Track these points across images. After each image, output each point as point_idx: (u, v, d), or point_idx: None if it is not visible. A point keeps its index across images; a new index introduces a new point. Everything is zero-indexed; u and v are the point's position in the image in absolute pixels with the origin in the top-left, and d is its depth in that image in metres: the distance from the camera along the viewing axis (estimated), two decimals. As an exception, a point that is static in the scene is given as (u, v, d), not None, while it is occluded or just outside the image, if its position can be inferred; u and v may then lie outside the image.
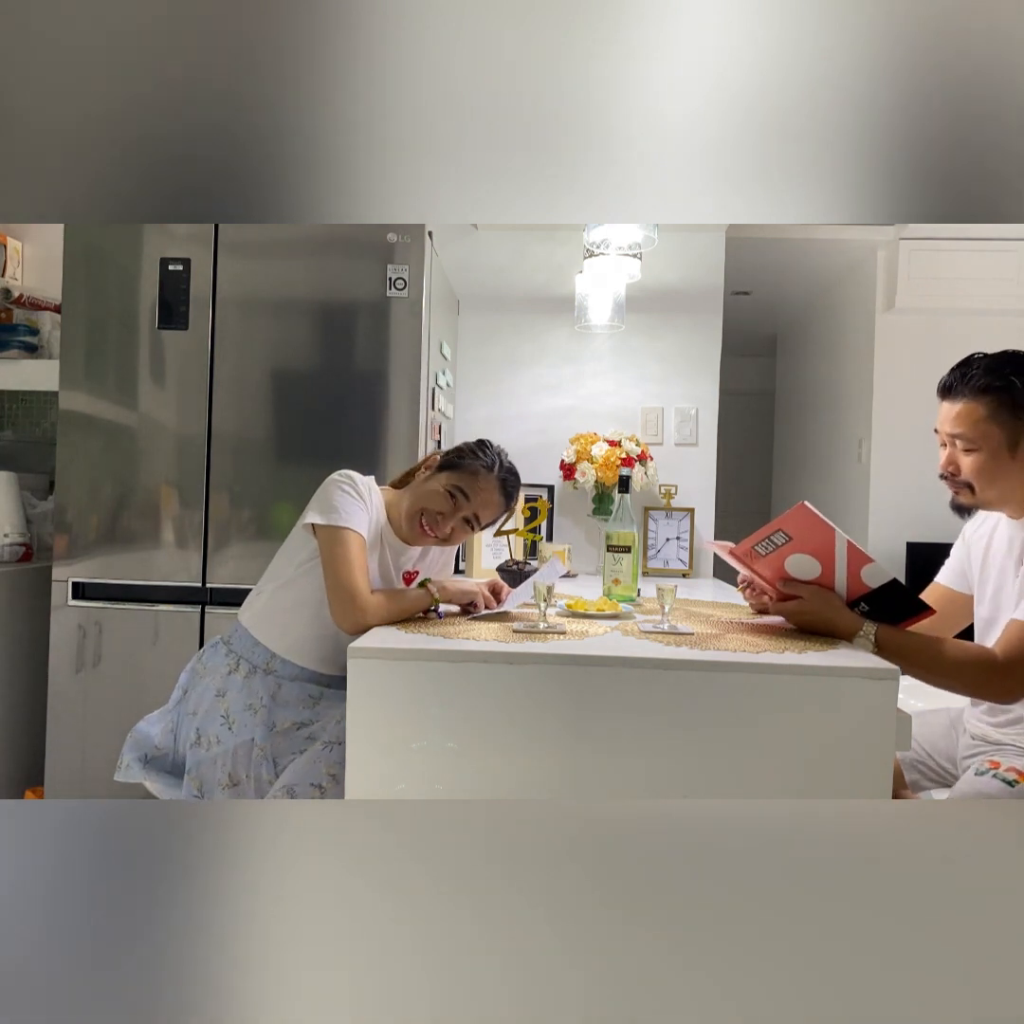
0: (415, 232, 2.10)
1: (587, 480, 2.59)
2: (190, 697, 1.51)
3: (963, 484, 1.40)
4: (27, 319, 2.57)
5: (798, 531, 1.33)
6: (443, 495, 1.52)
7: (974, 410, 1.35)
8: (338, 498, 1.45)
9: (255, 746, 1.42)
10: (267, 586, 1.54)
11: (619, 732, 1.15)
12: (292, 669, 1.51)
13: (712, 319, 2.76)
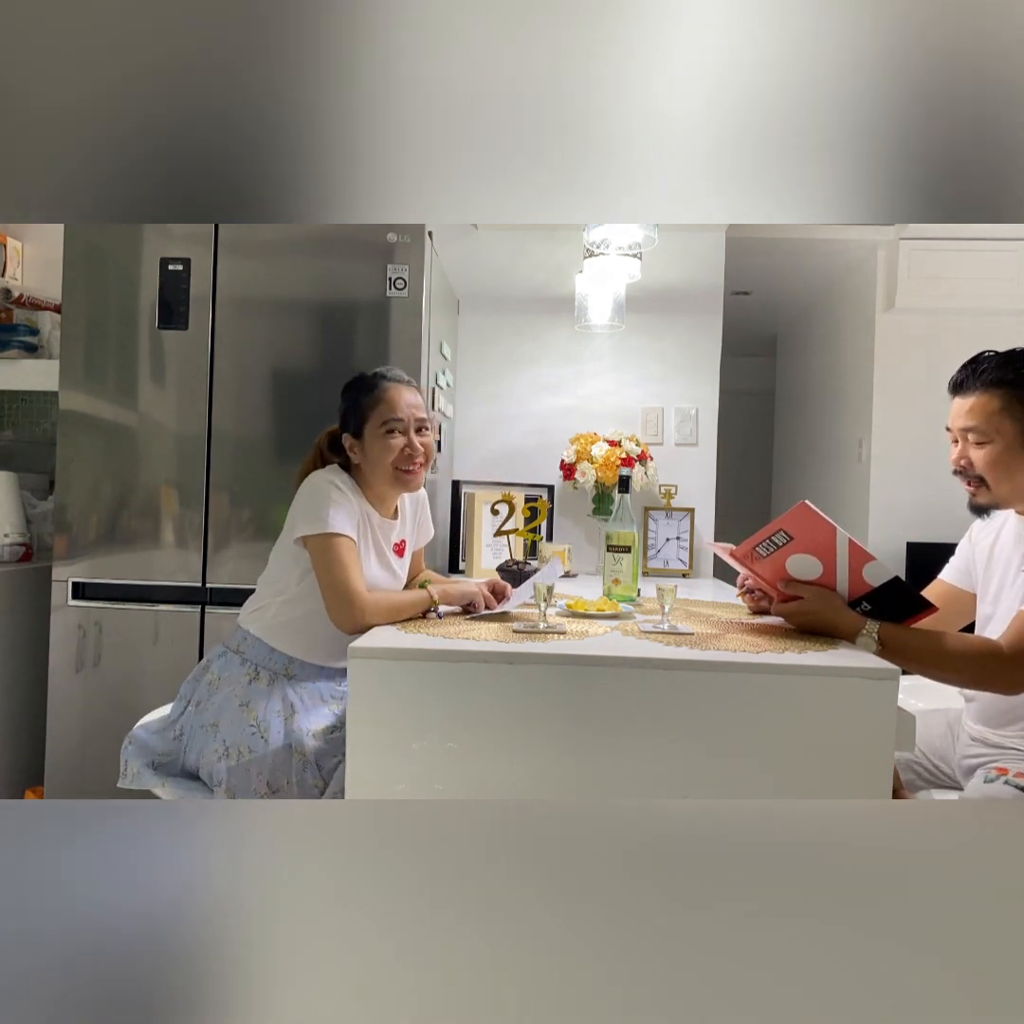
0: (415, 232, 2.10)
1: (587, 480, 2.59)
2: (206, 709, 1.48)
3: (976, 478, 1.40)
4: (27, 319, 2.56)
5: (799, 530, 1.33)
6: (386, 438, 1.53)
7: (987, 403, 1.36)
8: (321, 504, 1.45)
9: (294, 752, 1.41)
10: (273, 600, 1.53)
11: (619, 732, 1.15)
12: (312, 670, 1.51)
13: (712, 319, 2.76)
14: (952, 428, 1.43)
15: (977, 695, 1.49)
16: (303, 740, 1.42)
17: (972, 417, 1.38)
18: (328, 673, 1.53)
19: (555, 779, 1.16)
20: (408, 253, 2.10)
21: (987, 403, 1.36)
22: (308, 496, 1.49)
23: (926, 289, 3.04)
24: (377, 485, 1.57)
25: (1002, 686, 1.36)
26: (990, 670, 1.31)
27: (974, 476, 1.40)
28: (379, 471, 1.55)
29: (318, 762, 1.42)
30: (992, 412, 1.36)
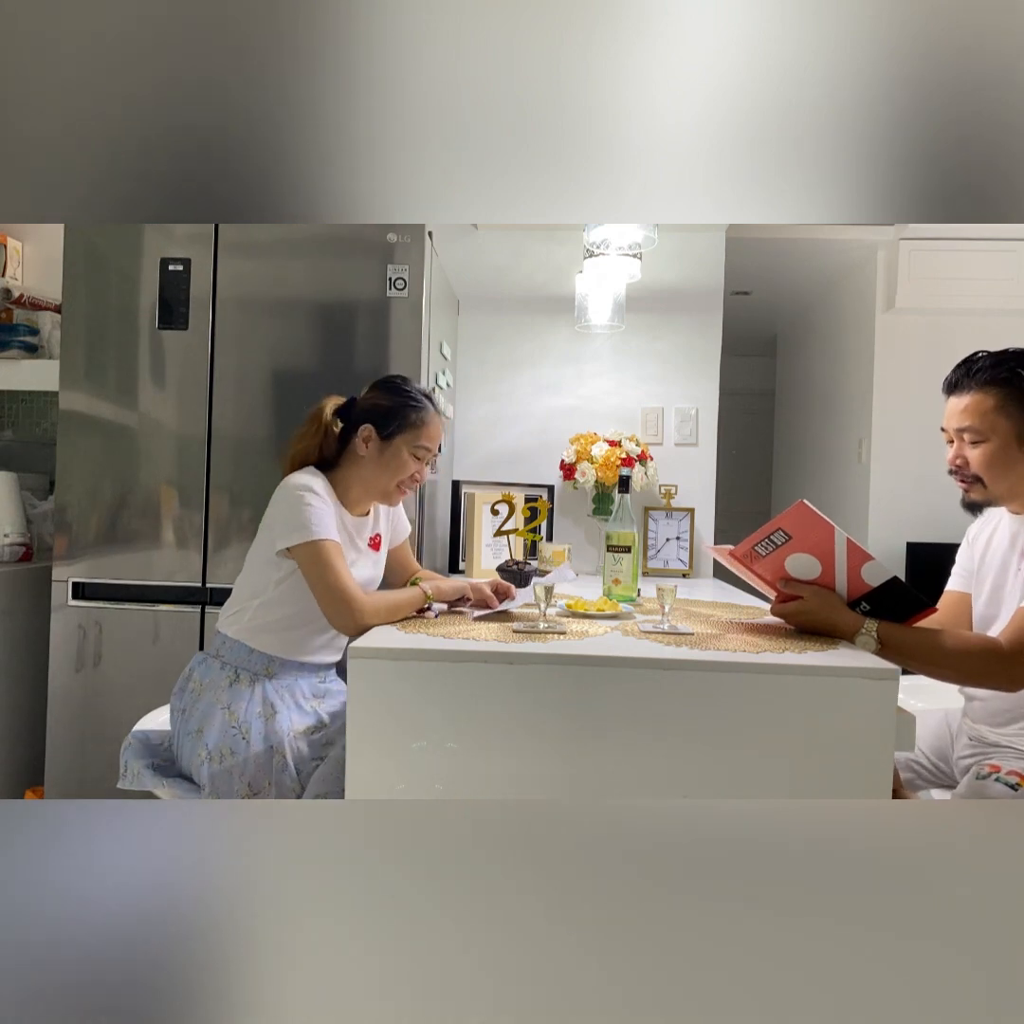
0: (415, 232, 2.10)
1: (587, 480, 2.59)
2: (191, 716, 1.48)
3: (972, 478, 1.41)
4: (27, 319, 2.56)
5: (797, 529, 1.33)
6: (410, 460, 1.56)
7: (981, 402, 1.37)
8: (305, 512, 1.44)
9: (275, 753, 1.41)
10: (250, 603, 1.52)
11: (619, 732, 1.15)
12: (292, 667, 1.51)
13: (712, 319, 2.76)
14: (947, 428, 1.44)
15: (977, 694, 1.49)
16: (283, 741, 1.42)
17: (967, 417, 1.38)
18: (310, 668, 1.53)
19: (555, 779, 1.16)
20: (408, 253, 2.10)
21: (981, 402, 1.37)
22: (288, 504, 1.46)
23: (926, 289, 3.04)
24: (362, 489, 1.57)
25: (1002, 683, 1.36)
26: (990, 667, 1.31)
27: (970, 475, 1.41)
28: (386, 481, 1.55)
29: (297, 765, 1.41)
30: (987, 411, 1.36)
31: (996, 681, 1.36)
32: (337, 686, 1.57)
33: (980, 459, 1.38)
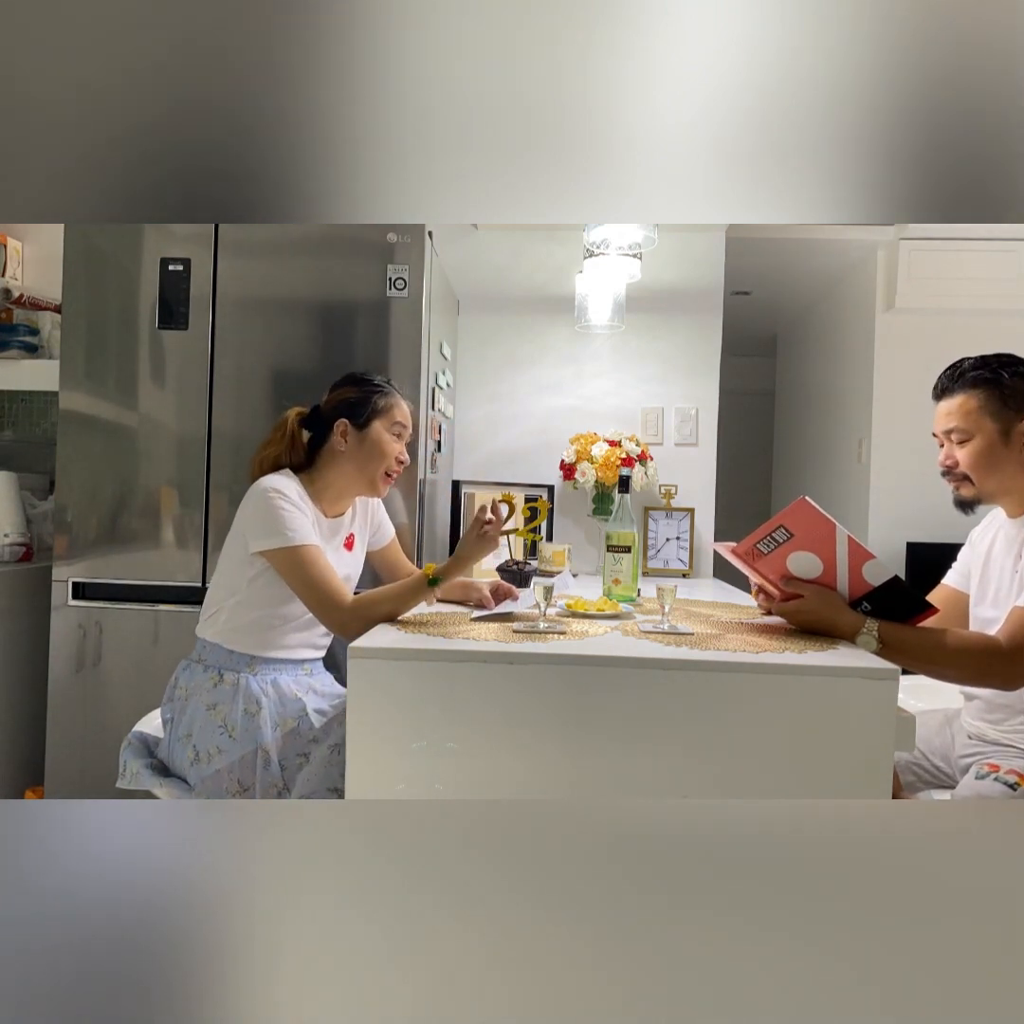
0: (415, 232, 2.10)
1: (587, 480, 2.59)
2: (180, 722, 1.48)
3: (962, 477, 1.45)
4: (27, 319, 2.56)
5: (799, 527, 1.34)
6: (391, 440, 1.58)
7: (965, 402, 1.43)
8: (279, 515, 1.43)
9: (259, 749, 1.41)
10: (225, 603, 1.52)
11: (619, 732, 1.15)
12: (273, 664, 1.51)
13: (712, 319, 2.76)
14: (937, 432, 1.50)
15: (977, 693, 1.50)
16: (267, 737, 1.42)
17: (953, 418, 1.44)
18: (290, 666, 1.53)
19: (554, 779, 1.16)
20: (408, 253, 2.10)
21: (965, 403, 1.43)
22: (260, 507, 1.45)
23: (926, 289, 3.04)
24: (343, 486, 1.58)
25: (1002, 681, 1.37)
26: (990, 665, 1.32)
27: (960, 474, 1.45)
28: (367, 468, 1.57)
29: (281, 761, 1.41)
30: (971, 410, 1.42)
31: (995, 680, 1.37)
32: (324, 680, 1.57)
33: (967, 457, 1.43)
